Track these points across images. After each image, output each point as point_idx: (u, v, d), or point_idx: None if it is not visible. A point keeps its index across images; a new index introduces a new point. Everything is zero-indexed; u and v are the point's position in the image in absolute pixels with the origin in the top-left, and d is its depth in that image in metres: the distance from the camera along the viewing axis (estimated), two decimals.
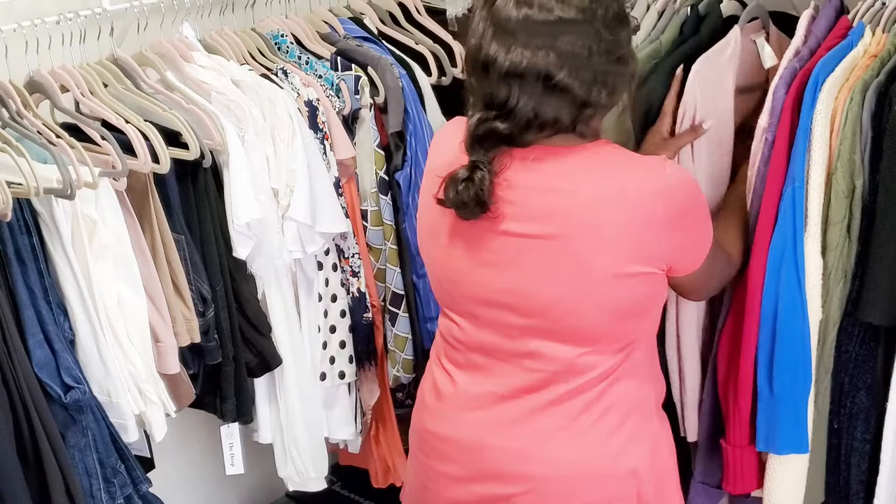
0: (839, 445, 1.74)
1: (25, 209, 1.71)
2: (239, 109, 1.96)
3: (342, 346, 2.23)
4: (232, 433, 2.20)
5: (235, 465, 2.24)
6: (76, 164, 1.69)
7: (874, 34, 1.67)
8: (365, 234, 2.24)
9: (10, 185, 1.64)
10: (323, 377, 2.22)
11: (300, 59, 2.19)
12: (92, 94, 1.90)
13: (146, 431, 1.94)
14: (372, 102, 2.18)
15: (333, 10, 2.39)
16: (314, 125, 2.07)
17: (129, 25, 2.06)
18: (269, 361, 2.10)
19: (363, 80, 2.17)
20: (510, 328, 1.51)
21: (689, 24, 1.93)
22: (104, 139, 1.80)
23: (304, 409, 2.18)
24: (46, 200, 1.72)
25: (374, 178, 2.19)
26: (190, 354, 2.00)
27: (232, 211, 1.95)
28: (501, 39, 1.40)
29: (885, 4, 1.68)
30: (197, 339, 1.95)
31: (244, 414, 2.14)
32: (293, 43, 2.23)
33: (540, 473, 1.54)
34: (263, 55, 2.18)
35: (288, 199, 2.01)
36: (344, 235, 2.16)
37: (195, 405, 2.09)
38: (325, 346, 2.21)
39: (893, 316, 1.60)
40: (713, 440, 1.86)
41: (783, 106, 1.65)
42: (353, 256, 2.20)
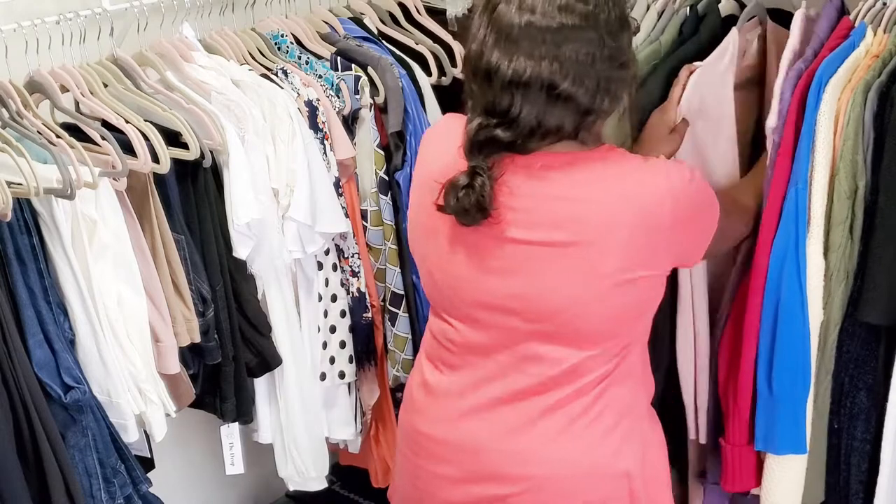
0: (839, 445, 1.74)
1: (25, 209, 1.71)
2: (239, 109, 1.96)
3: (342, 346, 2.23)
4: (232, 433, 2.20)
5: (235, 465, 2.24)
6: (76, 164, 1.69)
7: (875, 34, 1.67)
8: (365, 234, 2.24)
9: (10, 185, 1.64)
10: (323, 377, 2.22)
11: (300, 59, 2.19)
12: (92, 94, 1.90)
13: (146, 431, 1.94)
14: (372, 102, 2.18)
15: (333, 10, 2.39)
16: (314, 125, 2.07)
17: (129, 25, 2.06)
18: (269, 361, 2.10)
19: (363, 80, 2.17)
20: (512, 332, 1.51)
21: (688, 24, 1.93)
22: (104, 139, 1.80)
23: (304, 409, 2.19)
24: (46, 200, 1.72)
25: (374, 178, 2.19)
26: (190, 354, 1.99)
27: (232, 211, 1.95)
28: (504, 47, 1.38)
29: (885, 4, 1.68)
30: (197, 339, 1.95)
31: (244, 414, 2.14)
32: (293, 43, 2.23)
33: (538, 474, 1.54)
34: (263, 55, 2.18)
35: (288, 199, 2.01)
36: (344, 235, 2.16)
37: (195, 405, 2.09)
38: (325, 346, 2.21)
39: (893, 316, 1.60)
40: (716, 440, 1.86)
41: (789, 108, 1.65)
42: (353, 256, 2.20)
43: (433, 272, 1.59)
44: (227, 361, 2.04)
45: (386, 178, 2.19)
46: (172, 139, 1.87)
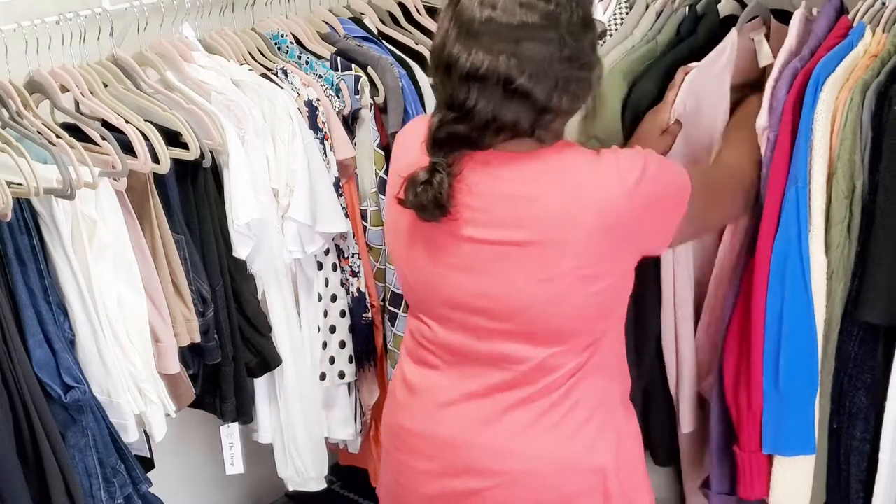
0: (839, 445, 1.73)
1: (25, 209, 1.71)
2: (239, 109, 1.97)
3: (342, 346, 2.23)
4: (232, 433, 2.20)
5: (235, 465, 2.24)
6: (76, 164, 1.69)
7: (874, 34, 1.66)
8: (365, 234, 2.24)
9: (10, 185, 1.64)
10: (323, 377, 2.22)
11: (300, 59, 2.19)
12: (92, 94, 1.91)
13: (146, 431, 1.94)
14: (372, 102, 2.18)
15: (333, 10, 2.39)
16: (314, 125, 2.07)
17: (129, 25, 2.06)
18: (268, 361, 2.10)
19: (363, 80, 2.17)
20: (480, 331, 1.52)
21: (686, 24, 1.92)
22: (104, 139, 1.80)
23: (303, 409, 2.19)
24: (46, 200, 1.72)
25: (374, 178, 2.19)
26: (190, 354, 2.00)
27: (232, 211, 1.95)
28: (464, 41, 1.39)
29: (885, 4, 1.68)
30: (197, 339, 1.95)
31: (244, 414, 2.14)
32: (293, 43, 2.23)
33: (512, 468, 1.55)
34: (263, 55, 2.18)
35: (288, 199, 2.01)
36: (344, 235, 2.16)
37: (195, 405, 2.09)
38: (324, 346, 2.21)
39: (892, 315, 1.59)
40: (724, 447, 1.83)
41: (784, 106, 1.65)
42: (352, 256, 2.20)
43: (405, 271, 1.61)
44: (227, 361, 2.04)
45: (386, 178, 2.19)
46: (172, 139, 1.87)
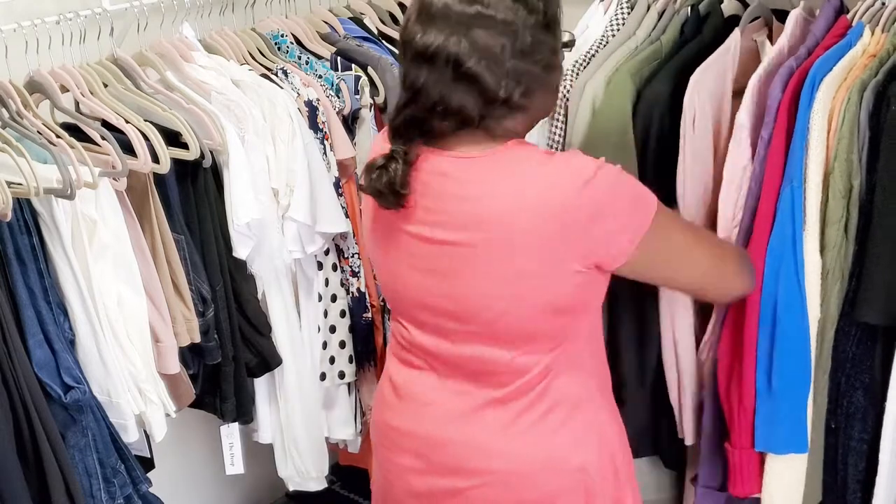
0: (836, 445, 1.73)
1: (25, 209, 1.71)
2: (239, 109, 1.97)
3: (342, 346, 2.23)
4: (232, 433, 2.20)
5: (235, 465, 2.24)
6: (76, 164, 1.69)
7: (873, 34, 1.66)
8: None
9: (10, 185, 1.64)
10: (323, 377, 2.22)
11: (300, 59, 2.19)
12: (92, 94, 1.91)
13: (146, 431, 1.94)
14: (372, 102, 2.19)
15: (333, 10, 2.39)
16: (314, 125, 2.07)
17: (129, 25, 2.06)
18: (268, 361, 2.10)
19: (363, 80, 2.17)
20: (450, 333, 1.53)
21: (689, 24, 1.92)
22: (104, 139, 1.80)
23: (304, 409, 2.19)
24: (46, 200, 1.72)
25: None
26: (190, 354, 2.00)
27: (232, 211, 1.95)
28: (421, 22, 1.41)
29: (884, 4, 1.68)
30: (197, 339, 1.95)
31: (244, 414, 2.14)
32: (293, 43, 2.23)
33: (493, 468, 1.55)
34: (263, 55, 2.18)
35: (288, 199, 2.01)
36: (344, 235, 2.16)
37: (195, 405, 2.09)
38: (324, 346, 2.21)
39: (890, 315, 1.59)
40: (716, 443, 1.83)
41: (779, 106, 1.65)
42: (352, 256, 2.20)
43: (380, 272, 1.63)
44: (227, 361, 2.04)
45: None
46: (172, 139, 1.87)
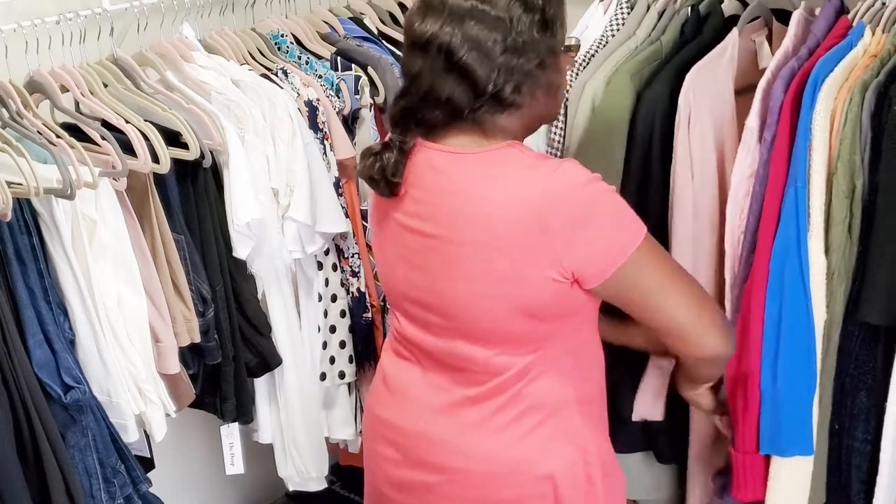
0: (840, 446, 1.73)
1: (25, 209, 1.71)
2: (239, 109, 1.96)
3: (342, 346, 2.23)
4: (232, 433, 2.20)
5: (235, 465, 2.24)
6: (76, 164, 1.69)
7: (874, 34, 1.66)
8: (365, 234, 2.24)
9: (10, 185, 1.64)
10: (323, 377, 2.22)
11: (300, 59, 2.19)
12: (92, 94, 1.90)
13: (146, 431, 1.94)
14: (372, 102, 2.18)
15: (333, 10, 2.39)
16: (314, 125, 2.07)
17: (129, 25, 2.06)
18: (269, 361, 2.10)
19: (363, 80, 2.17)
20: (433, 327, 1.55)
21: (689, 24, 1.92)
22: (104, 139, 1.80)
23: (304, 409, 2.19)
24: (46, 200, 1.72)
25: None
26: (190, 354, 2.00)
27: (232, 211, 1.95)
28: (421, 11, 1.45)
29: (885, 4, 1.68)
30: (197, 339, 1.95)
31: (244, 414, 2.14)
32: (293, 43, 2.23)
33: (459, 466, 1.56)
34: (263, 55, 2.18)
35: (288, 199, 2.01)
36: (344, 235, 2.16)
37: (195, 405, 2.09)
38: (325, 346, 2.21)
39: (892, 316, 1.59)
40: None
41: (782, 106, 1.65)
42: (352, 256, 2.20)
43: (378, 263, 1.66)
44: (227, 361, 2.04)
45: None
46: (172, 139, 1.87)
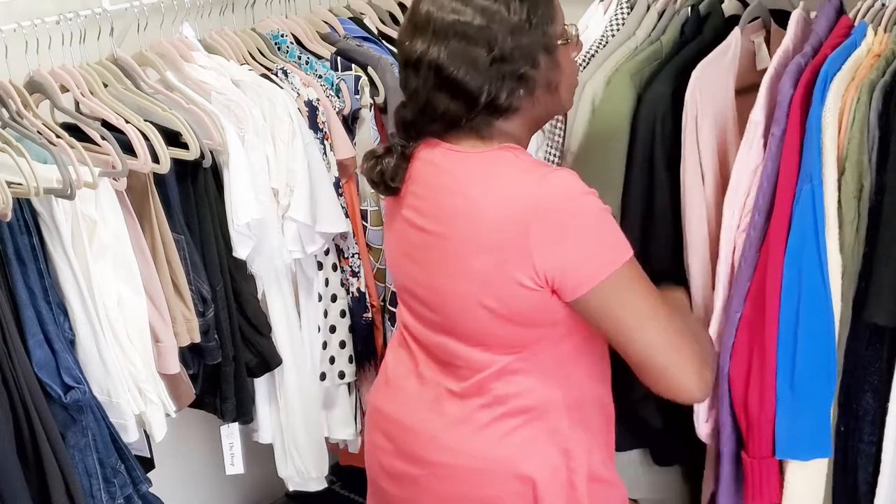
0: (846, 448, 1.71)
1: (25, 209, 1.71)
2: (239, 109, 1.96)
3: (342, 346, 2.23)
4: (232, 433, 2.20)
5: (235, 465, 2.24)
6: (76, 164, 1.69)
7: (876, 34, 1.66)
8: (365, 234, 2.24)
9: (10, 185, 1.64)
10: (323, 377, 2.22)
11: (300, 59, 2.19)
12: (92, 94, 1.90)
13: (146, 431, 1.94)
14: (372, 102, 2.18)
15: (333, 10, 2.39)
16: (314, 125, 2.07)
17: (129, 25, 2.06)
18: (269, 361, 2.10)
19: (363, 80, 2.17)
20: (425, 321, 1.57)
21: (689, 24, 1.92)
22: (104, 139, 1.80)
23: (304, 409, 2.19)
24: (46, 200, 1.72)
25: None
26: (190, 354, 2.00)
27: (232, 211, 1.95)
28: (409, 29, 1.47)
29: (885, 5, 1.68)
30: (197, 339, 1.95)
31: (244, 414, 2.14)
32: (293, 43, 2.23)
33: (439, 461, 1.57)
34: (263, 55, 2.18)
35: (288, 199, 2.01)
36: (344, 235, 2.16)
37: (195, 405, 2.09)
38: (325, 346, 2.21)
39: None
40: (738, 460, 1.78)
41: (791, 103, 1.64)
42: (352, 256, 2.20)
43: (385, 252, 1.71)
44: (227, 361, 2.04)
45: None
46: (172, 139, 1.87)
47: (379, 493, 1.72)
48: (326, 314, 2.19)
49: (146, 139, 1.83)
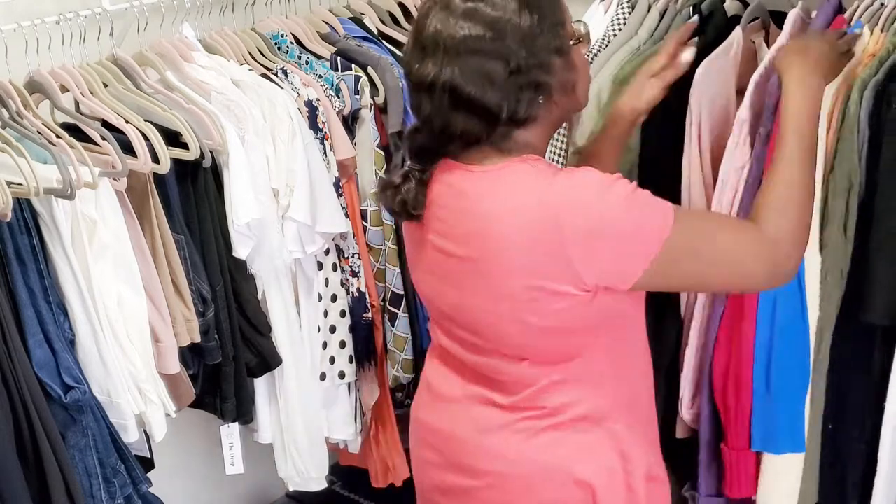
0: (834, 446, 1.73)
1: (25, 209, 1.71)
2: (239, 109, 1.96)
3: (342, 346, 2.23)
4: (232, 433, 2.20)
5: (235, 465, 2.24)
6: (76, 164, 1.69)
7: (872, 33, 1.66)
8: (365, 234, 2.24)
9: (10, 185, 1.64)
10: (323, 377, 2.22)
11: (300, 59, 2.19)
12: (92, 94, 1.90)
13: (146, 431, 1.94)
14: (372, 102, 2.18)
15: (333, 10, 2.39)
16: (314, 125, 2.07)
17: (129, 25, 2.06)
18: (268, 361, 2.10)
19: (363, 80, 2.17)
20: (465, 342, 1.54)
21: None
22: (104, 139, 1.80)
23: (304, 409, 2.19)
24: (46, 200, 1.72)
25: (373, 178, 2.19)
26: (190, 354, 2.00)
27: (232, 211, 1.95)
28: (416, 52, 1.41)
29: (883, 4, 1.68)
30: (197, 339, 1.95)
31: (244, 414, 2.14)
32: (293, 43, 2.23)
33: (493, 470, 1.55)
34: (263, 55, 2.18)
35: (288, 199, 2.01)
36: (344, 235, 2.16)
37: (195, 405, 2.09)
38: (324, 346, 2.21)
39: (893, 316, 1.59)
40: (714, 448, 1.82)
41: (778, 103, 1.64)
42: (352, 256, 2.20)
43: (415, 278, 1.64)
44: (227, 361, 2.04)
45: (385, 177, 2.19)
46: (172, 139, 1.87)
47: None
48: (326, 314, 2.19)
49: (146, 139, 1.83)
